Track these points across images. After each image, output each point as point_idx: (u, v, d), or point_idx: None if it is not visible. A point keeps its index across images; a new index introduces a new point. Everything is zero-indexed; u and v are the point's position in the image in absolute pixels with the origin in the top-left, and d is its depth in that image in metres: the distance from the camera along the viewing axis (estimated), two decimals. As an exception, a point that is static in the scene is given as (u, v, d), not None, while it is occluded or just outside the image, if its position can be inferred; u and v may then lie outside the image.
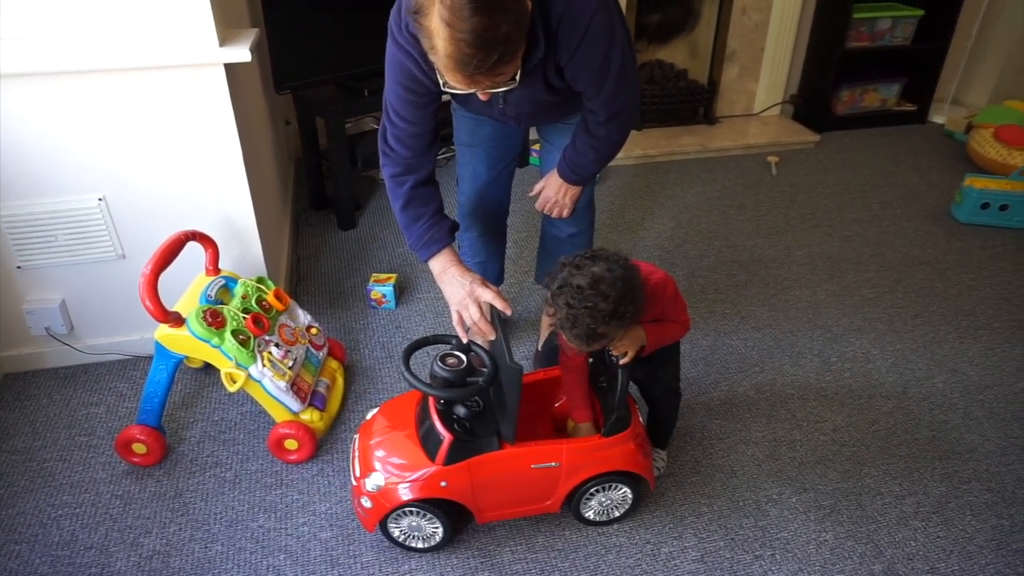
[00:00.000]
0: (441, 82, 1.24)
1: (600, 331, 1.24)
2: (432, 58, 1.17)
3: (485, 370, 1.37)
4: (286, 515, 1.58)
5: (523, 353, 2.08)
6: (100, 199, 1.77)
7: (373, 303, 2.28)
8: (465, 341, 1.46)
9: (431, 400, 1.42)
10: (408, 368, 1.34)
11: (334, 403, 1.83)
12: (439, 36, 1.10)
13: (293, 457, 1.70)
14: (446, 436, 1.36)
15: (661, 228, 2.80)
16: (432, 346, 1.49)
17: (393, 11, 1.35)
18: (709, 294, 2.38)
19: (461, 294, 1.51)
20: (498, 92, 1.26)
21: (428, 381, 1.36)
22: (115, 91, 1.65)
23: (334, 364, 1.93)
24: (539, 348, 2.05)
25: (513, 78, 1.22)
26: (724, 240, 2.72)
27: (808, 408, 1.90)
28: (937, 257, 2.62)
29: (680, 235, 2.75)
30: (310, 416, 1.71)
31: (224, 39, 1.67)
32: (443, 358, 1.36)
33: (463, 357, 1.37)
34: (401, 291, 2.34)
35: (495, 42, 1.10)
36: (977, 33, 3.68)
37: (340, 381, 1.91)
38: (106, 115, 1.68)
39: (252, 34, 1.74)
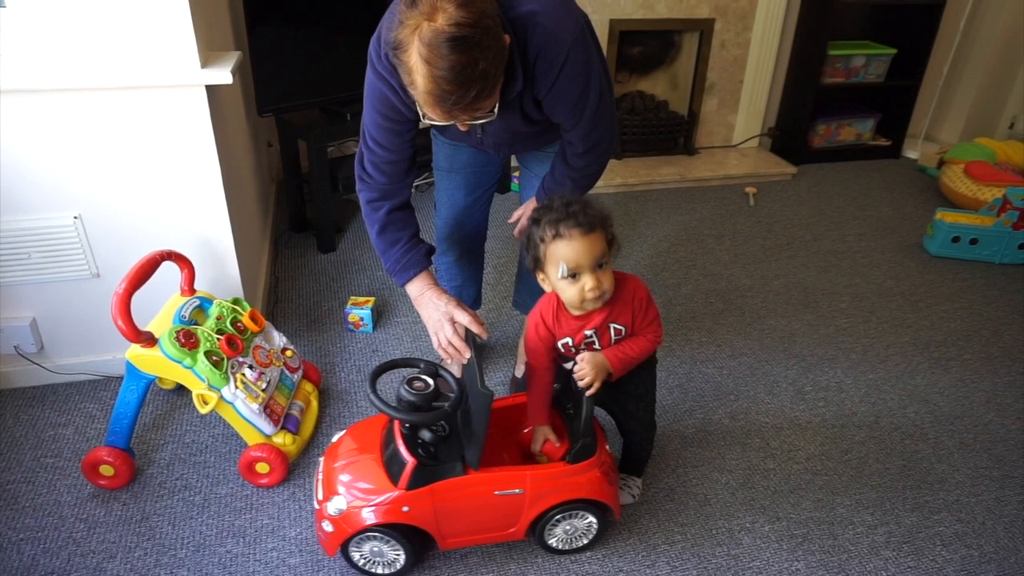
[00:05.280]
0: (421, 113, 1.26)
1: (600, 213, 1.29)
2: (411, 92, 1.19)
3: (452, 395, 1.37)
4: (255, 540, 1.55)
5: (500, 379, 2.08)
6: (76, 217, 1.76)
7: (350, 326, 2.27)
8: (450, 362, 1.45)
9: (396, 424, 1.41)
10: (374, 390, 1.33)
11: (307, 426, 1.81)
12: (418, 72, 1.12)
13: (264, 481, 1.68)
14: (409, 460, 1.35)
15: (640, 256, 2.82)
16: (402, 369, 1.48)
17: (373, 39, 1.36)
18: (686, 322, 2.40)
19: (437, 316, 1.51)
20: (476, 124, 1.27)
21: (395, 404, 1.36)
22: (95, 110, 1.65)
23: (309, 387, 1.91)
24: (516, 375, 2.05)
25: (492, 111, 1.24)
26: (702, 269, 2.75)
27: (782, 437, 1.91)
28: (909, 289, 2.66)
29: (658, 263, 2.77)
30: (283, 439, 1.69)
31: (206, 61, 1.68)
32: (410, 382, 1.36)
33: (430, 381, 1.37)
34: (379, 315, 2.34)
35: (474, 79, 1.12)
36: (948, 72, 3.79)
37: (314, 404, 1.89)
38: (85, 133, 1.67)
39: (234, 57, 1.76)
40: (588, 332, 1.39)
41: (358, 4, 2.47)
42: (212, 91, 1.73)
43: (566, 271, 1.28)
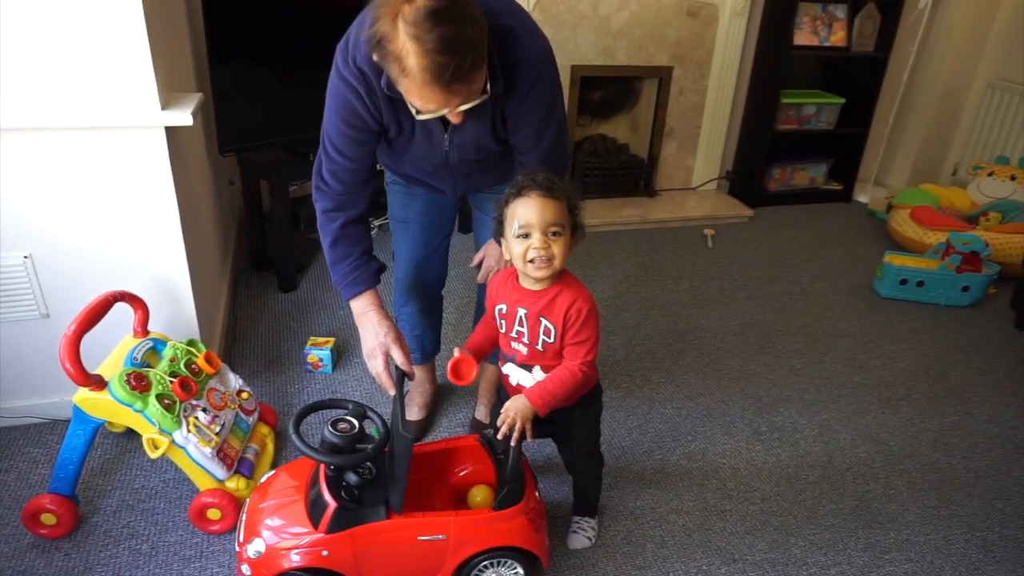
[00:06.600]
0: (414, 111, 1.27)
1: (566, 187, 1.37)
2: (404, 81, 1.19)
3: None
4: (204, 590, 1.51)
5: (460, 419, 2.07)
6: (26, 256, 1.72)
7: (309, 367, 2.24)
8: (392, 393, 1.45)
9: (322, 465, 1.39)
10: (297, 431, 1.32)
11: (262, 470, 1.77)
12: (409, 53, 1.13)
13: (215, 528, 1.64)
14: (331, 503, 1.33)
15: (601, 296, 2.86)
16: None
17: (340, 44, 1.37)
18: (645, 362, 2.43)
19: (373, 343, 1.51)
20: (470, 106, 1.27)
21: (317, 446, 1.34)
22: (51, 149, 1.63)
23: (264, 430, 1.88)
24: (476, 416, 2.05)
25: (485, 91, 1.27)
26: (661, 309, 2.79)
27: (738, 478, 1.93)
28: (861, 330, 2.74)
29: (619, 304, 2.81)
30: (236, 484, 1.65)
31: (167, 103, 1.68)
32: (335, 423, 1.35)
33: (355, 423, 1.36)
34: (338, 355, 2.32)
35: (464, 47, 1.14)
36: (893, 121, 3.97)
37: (270, 447, 1.86)
38: (40, 173, 1.65)
39: (195, 99, 1.76)
40: (522, 311, 1.40)
41: (321, 44, 2.49)
42: (172, 131, 1.72)
43: (518, 228, 1.32)
